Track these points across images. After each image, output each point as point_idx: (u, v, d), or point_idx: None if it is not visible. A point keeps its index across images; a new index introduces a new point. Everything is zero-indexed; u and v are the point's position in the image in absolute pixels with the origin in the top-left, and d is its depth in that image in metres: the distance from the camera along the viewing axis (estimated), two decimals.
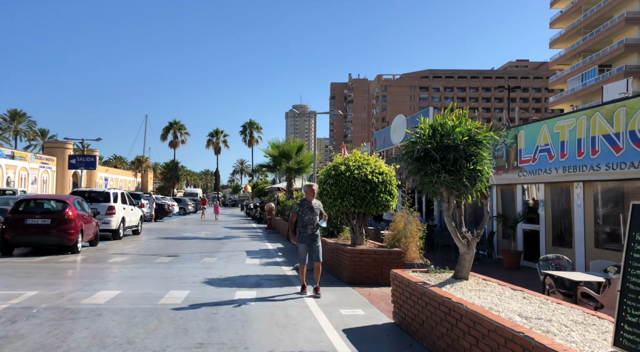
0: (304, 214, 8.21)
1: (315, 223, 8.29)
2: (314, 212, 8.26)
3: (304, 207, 8.26)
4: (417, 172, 5.89)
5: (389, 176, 10.60)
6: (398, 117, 23.60)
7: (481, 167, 5.73)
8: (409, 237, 10.10)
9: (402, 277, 6.28)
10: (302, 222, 8.20)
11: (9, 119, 74.90)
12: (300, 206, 8.29)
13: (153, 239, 19.09)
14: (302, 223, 8.20)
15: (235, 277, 10.24)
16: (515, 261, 12.96)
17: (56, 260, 12.24)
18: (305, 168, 24.45)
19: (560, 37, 67.87)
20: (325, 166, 11.28)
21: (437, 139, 5.77)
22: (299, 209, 8.28)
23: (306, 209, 8.24)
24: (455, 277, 6.01)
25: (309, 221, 8.22)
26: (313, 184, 8.56)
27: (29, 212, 13.17)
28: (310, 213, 8.22)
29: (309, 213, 8.23)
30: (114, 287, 8.75)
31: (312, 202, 8.37)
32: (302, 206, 8.28)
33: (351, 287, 9.30)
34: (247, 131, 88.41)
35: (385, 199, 10.39)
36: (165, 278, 9.85)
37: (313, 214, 8.25)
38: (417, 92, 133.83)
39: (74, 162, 30.42)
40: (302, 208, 8.25)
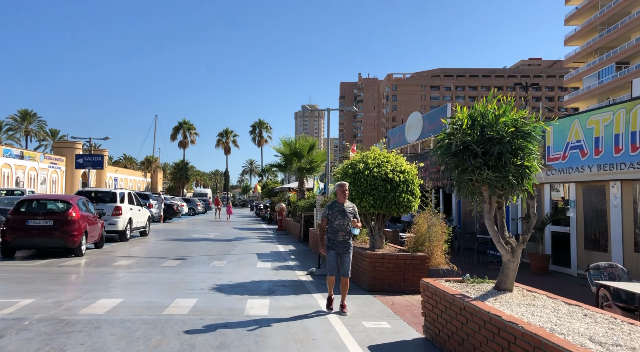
0: (334, 218, 7.11)
1: (348, 229, 7.14)
2: (345, 217, 7.11)
3: (334, 210, 7.14)
4: (454, 169, 5.15)
5: (411, 175, 9.88)
6: (413, 114, 22.82)
7: (529, 162, 4.99)
8: (434, 240, 9.36)
9: (435, 287, 5.55)
10: (332, 228, 7.13)
11: (19, 119, 75.02)
12: (330, 209, 7.18)
13: (161, 241, 18.50)
14: (332, 229, 7.13)
15: (247, 283, 9.57)
16: (544, 265, 12.16)
17: (58, 263, 11.65)
18: (317, 167, 23.73)
19: (576, 34, 66.59)
20: (341, 164, 10.57)
21: (477, 130, 5.04)
22: (329, 212, 7.16)
23: (337, 212, 7.13)
24: (498, 289, 5.27)
25: (339, 226, 7.11)
26: (344, 183, 7.34)
27: (30, 213, 12.60)
28: (341, 217, 7.10)
29: (339, 217, 7.10)
30: (116, 294, 8.10)
31: (345, 205, 7.21)
32: (332, 209, 7.17)
33: (372, 295, 8.58)
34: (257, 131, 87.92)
35: (407, 199, 9.66)
36: (172, 284, 9.20)
37: (345, 218, 7.11)
38: (428, 92, 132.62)
39: (81, 162, 29.96)
40: (332, 211, 7.14)
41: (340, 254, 7.18)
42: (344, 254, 7.19)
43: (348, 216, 7.12)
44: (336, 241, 7.13)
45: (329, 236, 7.18)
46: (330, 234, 7.17)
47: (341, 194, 7.24)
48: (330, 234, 7.17)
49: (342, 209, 7.15)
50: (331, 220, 7.12)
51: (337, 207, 7.18)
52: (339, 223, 7.10)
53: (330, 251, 7.18)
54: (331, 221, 7.12)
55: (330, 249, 7.16)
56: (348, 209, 7.20)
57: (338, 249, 7.17)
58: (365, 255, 9.15)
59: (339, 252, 7.19)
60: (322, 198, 15.37)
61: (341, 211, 7.13)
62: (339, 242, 7.14)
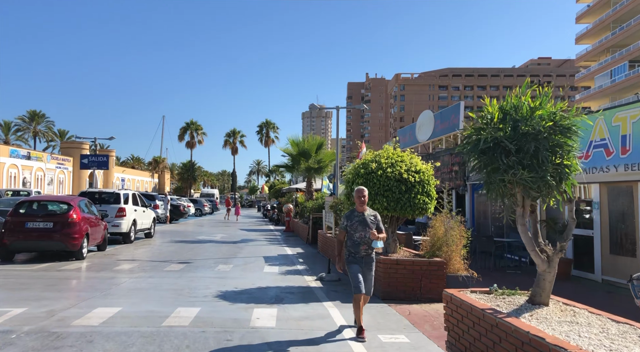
0: (354, 229, 6.12)
1: (370, 242, 6.09)
2: (367, 227, 6.11)
3: (354, 220, 6.16)
4: (483, 169, 4.60)
5: (427, 175, 9.33)
6: (425, 113, 22.22)
7: (569, 161, 4.44)
8: (451, 245, 8.80)
9: (460, 300, 5.00)
10: (352, 241, 6.17)
11: (28, 119, 75.11)
12: (349, 219, 6.20)
13: (166, 243, 18.06)
14: (353, 242, 6.16)
15: (253, 289, 9.05)
16: (565, 270, 11.54)
17: (57, 267, 11.21)
18: (325, 167, 23.20)
19: (587, 32, 65.64)
20: (352, 164, 10.04)
21: (509, 125, 4.49)
22: (347, 223, 6.18)
23: (356, 223, 6.13)
24: (532, 302, 4.71)
25: (361, 239, 6.11)
26: (362, 189, 6.35)
27: (30, 215, 12.17)
28: (362, 229, 6.10)
29: (360, 229, 6.10)
30: (114, 302, 7.61)
31: (365, 214, 6.21)
32: (350, 219, 6.19)
33: (386, 303, 8.03)
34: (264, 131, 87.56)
35: (423, 201, 9.12)
36: (174, 291, 8.71)
37: (366, 229, 6.11)
38: (436, 91, 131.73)
39: (86, 162, 29.61)
40: (351, 222, 6.15)
41: (363, 269, 6.17)
42: (366, 272, 6.19)
43: (370, 227, 6.14)
44: (358, 255, 6.16)
45: (350, 249, 6.21)
46: (351, 248, 6.20)
47: (359, 202, 6.28)
48: (351, 248, 6.20)
49: (363, 219, 6.16)
50: (351, 232, 6.17)
51: (356, 216, 6.20)
52: (359, 236, 6.12)
53: (353, 264, 6.15)
54: (351, 233, 6.17)
55: (353, 263, 6.18)
56: (369, 219, 6.20)
57: (360, 263, 6.17)
58: (379, 260, 8.59)
59: (361, 267, 6.18)
60: (332, 199, 14.84)
61: (361, 221, 6.15)
62: (362, 256, 6.17)
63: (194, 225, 30.53)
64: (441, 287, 8.41)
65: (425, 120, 21.89)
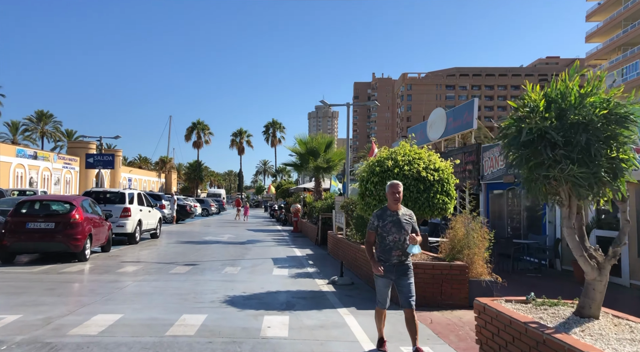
0: (387, 231, 5.16)
1: (405, 247, 5.15)
2: (402, 229, 5.16)
3: (386, 220, 5.19)
4: (524, 164, 4.08)
5: (446, 173, 8.81)
6: (436, 110, 21.65)
7: (625, 154, 3.90)
8: (473, 247, 8.26)
9: (496, 311, 4.48)
10: (382, 245, 5.20)
11: (35, 120, 75.18)
12: (380, 219, 5.22)
13: (172, 244, 17.62)
14: (384, 246, 5.19)
15: (262, 293, 8.56)
16: None
17: (59, 270, 10.78)
18: (334, 166, 22.69)
19: (598, 30, 64.77)
20: (366, 161, 9.54)
21: (554, 114, 3.97)
22: (378, 223, 5.22)
23: (389, 223, 5.16)
24: (580, 315, 4.18)
25: (394, 243, 5.14)
26: (397, 184, 5.32)
27: (31, 215, 11.75)
28: (396, 230, 5.15)
29: (394, 231, 5.15)
30: (115, 308, 7.15)
31: (399, 213, 5.25)
32: (382, 219, 5.21)
33: None
34: (270, 131, 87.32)
35: (442, 200, 8.60)
36: (180, 295, 8.23)
37: (401, 231, 5.16)
38: (443, 91, 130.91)
39: (91, 161, 29.27)
40: (383, 222, 5.19)
41: (396, 279, 5.19)
42: (401, 279, 5.18)
43: (405, 229, 5.16)
44: (389, 263, 5.17)
45: (379, 256, 5.23)
46: (381, 254, 5.20)
47: (393, 198, 5.26)
48: (381, 254, 5.20)
49: (397, 219, 5.19)
50: (382, 234, 5.18)
51: (389, 216, 5.20)
52: (393, 239, 5.14)
53: (380, 277, 5.23)
54: (382, 236, 5.18)
55: (381, 274, 5.23)
56: (404, 219, 5.23)
57: (392, 274, 5.17)
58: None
59: (393, 278, 5.20)
60: (342, 199, 14.33)
61: (395, 221, 5.17)
62: (393, 264, 5.17)
63: (200, 225, 30.13)
64: (463, 293, 7.91)
65: (436, 118, 21.33)
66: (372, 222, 5.32)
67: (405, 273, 5.22)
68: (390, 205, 5.32)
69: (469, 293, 7.90)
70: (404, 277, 5.21)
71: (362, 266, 10.45)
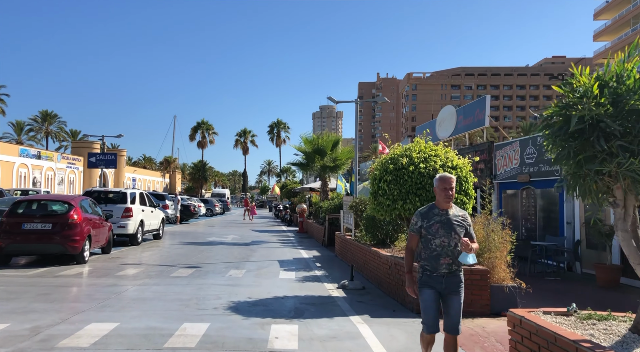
0: (433, 234, 4.18)
1: (456, 254, 4.15)
2: (452, 232, 4.18)
3: (432, 220, 4.21)
4: (572, 157, 3.54)
5: (464, 171, 8.27)
6: (446, 108, 21.10)
7: None
8: (494, 250, 7.72)
9: (537, 325, 3.94)
10: (428, 250, 4.21)
11: (40, 120, 75.05)
12: (425, 219, 4.24)
13: (175, 245, 17.15)
14: (430, 252, 4.19)
15: (269, 299, 8.05)
16: (613, 278, 10.39)
17: (55, 273, 10.30)
18: (341, 165, 22.15)
19: (606, 29, 64.03)
20: (378, 159, 9.01)
21: (610, 100, 3.43)
22: (424, 223, 4.23)
23: (435, 224, 4.19)
24: (639, 333, 3.63)
25: (443, 248, 4.15)
26: (448, 177, 4.31)
27: (27, 216, 11.28)
28: (445, 233, 4.17)
29: (442, 233, 4.17)
30: (111, 316, 6.64)
31: (450, 213, 4.27)
32: (427, 219, 4.23)
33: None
34: (275, 131, 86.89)
35: (460, 200, 8.06)
36: (181, 301, 7.73)
37: (450, 234, 4.17)
38: (448, 91, 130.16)
39: (93, 161, 28.82)
40: (428, 222, 4.21)
41: (445, 294, 4.17)
42: (450, 296, 4.18)
43: (456, 231, 4.17)
44: (437, 273, 4.17)
45: (424, 263, 4.24)
46: (426, 261, 4.21)
47: (443, 195, 4.25)
48: (426, 261, 4.21)
49: (446, 219, 4.21)
50: (427, 237, 4.20)
51: (436, 215, 4.23)
52: (441, 243, 4.15)
53: (426, 288, 4.18)
54: (427, 239, 4.20)
55: (426, 285, 4.19)
56: (456, 220, 4.23)
57: (440, 285, 4.15)
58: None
59: (441, 291, 4.17)
60: (351, 199, 13.80)
61: (445, 222, 4.20)
62: (442, 274, 4.16)
63: (204, 225, 29.67)
64: (484, 300, 7.37)
65: (446, 116, 20.77)
66: (415, 223, 4.29)
67: (456, 288, 4.18)
68: (440, 202, 4.28)
69: (491, 300, 7.37)
70: (454, 293, 4.16)
71: (373, 269, 9.92)
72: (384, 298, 8.46)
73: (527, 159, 14.40)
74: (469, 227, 4.31)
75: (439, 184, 4.31)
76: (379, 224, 10.82)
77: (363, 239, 11.60)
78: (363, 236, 11.61)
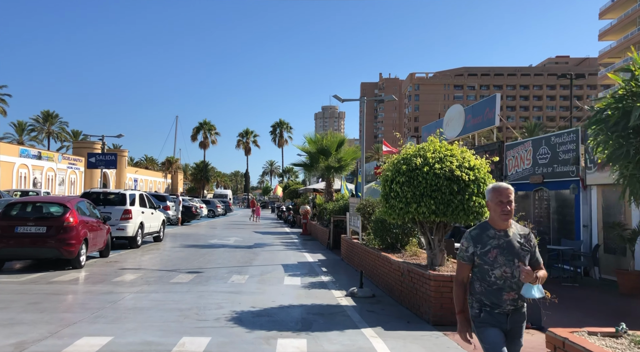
0: (490, 263, 3.29)
1: (521, 285, 3.24)
2: (515, 259, 3.28)
3: (487, 245, 3.31)
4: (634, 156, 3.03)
5: (482, 172, 7.74)
6: (454, 107, 20.61)
7: None
8: None
9: (585, 349, 3.42)
10: (486, 283, 3.31)
11: (41, 120, 74.72)
12: (478, 243, 3.34)
13: (176, 248, 16.67)
14: (488, 285, 3.30)
15: (274, 309, 7.55)
16: (637, 285, 9.84)
17: (49, 278, 9.82)
18: (346, 166, 21.63)
19: (612, 28, 63.52)
20: (389, 159, 8.49)
21: None
22: (475, 250, 3.33)
23: (493, 250, 3.29)
24: None
25: (503, 280, 3.27)
26: (507, 188, 3.35)
27: (21, 218, 10.80)
28: (506, 261, 3.27)
29: (502, 261, 3.27)
30: (104, 329, 6.15)
31: (510, 233, 3.34)
32: (481, 243, 3.32)
33: (439, 331, 6.46)
34: (277, 131, 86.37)
35: (479, 203, 7.52)
36: (180, 311, 7.24)
37: (514, 262, 3.27)
38: (451, 91, 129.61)
39: (93, 161, 28.35)
40: (483, 248, 3.31)
41: (511, 331, 3.31)
42: (513, 340, 3.33)
43: (521, 258, 3.27)
44: (500, 309, 3.26)
45: (482, 298, 3.30)
46: (485, 297, 3.29)
47: (500, 210, 3.29)
48: (485, 297, 3.29)
49: (507, 243, 3.29)
50: (484, 267, 3.29)
51: (492, 238, 3.30)
52: (502, 274, 3.25)
53: (489, 328, 3.25)
54: (484, 269, 3.29)
55: (488, 323, 3.26)
56: (518, 242, 3.32)
57: (504, 325, 3.27)
58: (428, 277, 7.04)
59: (506, 329, 3.29)
60: (358, 201, 13.29)
61: (504, 246, 3.28)
62: (507, 312, 3.28)
63: (206, 227, 29.20)
64: None
65: (454, 115, 20.28)
66: (465, 249, 3.35)
67: (520, 329, 3.34)
68: (495, 220, 3.32)
69: None
70: (518, 336, 3.33)
71: (383, 275, 9.42)
72: (396, 307, 7.96)
73: (540, 159, 13.89)
74: (535, 249, 3.36)
75: (493, 196, 3.33)
76: (388, 228, 10.32)
77: (371, 243, 11.09)
78: (371, 239, 11.10)
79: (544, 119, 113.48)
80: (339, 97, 15.62)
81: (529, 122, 72.97)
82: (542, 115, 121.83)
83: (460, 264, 3.40)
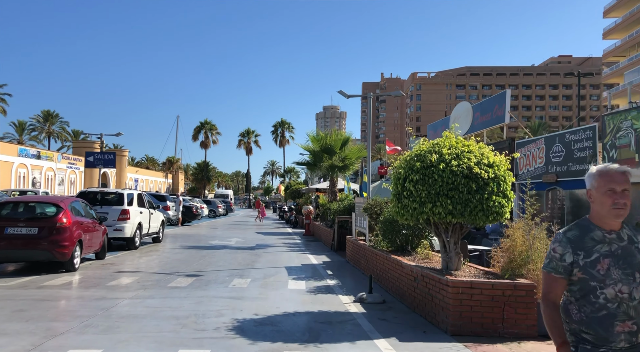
0: (597, 277, 2.34)
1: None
2: (636, 271, 2.34)
3: (594, 252, 2.37)
4: None
5: (502, 170, 7.22)
6: (461, 104, 20.05)
7: None
8: (539, 262, 6.67)
9: None
10: (589, 306, 2.35)
11: (42, 120, 74.33)
12: (579, 249, 2.39)
13: (175, 249, 16.15)
14: (592, 309, 2.34)
15: (278, 316, 7.02)
16: None
17: (40, 282, 9.29)
18: (351, 165, 21.09)
19: (616, 26, 62.94)
20: (401, 156, 7.95)
21: None
22: (575, 259, 2.38)
23: (603, 259, 2.35)
24: None
25: (618, 303, 2.31)
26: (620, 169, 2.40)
27: (11, 219, 10.27)
28: (623, 275, 2.33)
29: (616, 274, 2.33)
30: (93, 340, 5.61)
31: (624, 234, 2.41)
32: (584, 249, 2.38)
33: (459, 342, 5.92)
34: (279, 131, 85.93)
35: (499, 203, 7.01)
36: (177, 320, 6.70)
37: (633, 276, 2.33)
38: (453, 90, 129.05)
39: (91, 160, 27.85)
40: (588, 257, 2.37)
41: None
42: None
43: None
44: (608, 347, 2.33)
45: (579, 327, 2.38)
46: (584, 325, 2.37)
47: (610, 202, 2.37)
48: (584, 325, 2.37)
49: (624, 249, 2.39)
50: (588, 283, 2.36)
51: (601, 242, 2.40)
52: (617, 293, 2.33)
53: None
54: (588, 286, 2.36)
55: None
56: (637, 247, 2.41)
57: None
58: (445, 282, 6.50)
59: None
60: (364, 201, 12.75)
61: (620, 253, 2.38)
62: (617, 350, 2.33)
63: (207, 227, 28.68)
64: (530, 319, 6.32)
65: (461, 113, 19.69)
66: (559, 257, 2.43)
67: None
68: (602, 217, 2.43)
69: (537, 319, 6.31)
70: None
71: (394, 279, 8.87)
72: (410, 315, 7.42)
73: (553, 157, 13.33)
74: None
75: (601, 182, 2.39)
76: (397, 229, 9.78)
77: (379, 245, 10.55)
78: (379, 241, 10.55)
79: (546, 118, 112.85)
80: (344, 93, 15.10)
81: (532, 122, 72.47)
82: (545, 115, 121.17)
83: (550, 279, 2.43)
